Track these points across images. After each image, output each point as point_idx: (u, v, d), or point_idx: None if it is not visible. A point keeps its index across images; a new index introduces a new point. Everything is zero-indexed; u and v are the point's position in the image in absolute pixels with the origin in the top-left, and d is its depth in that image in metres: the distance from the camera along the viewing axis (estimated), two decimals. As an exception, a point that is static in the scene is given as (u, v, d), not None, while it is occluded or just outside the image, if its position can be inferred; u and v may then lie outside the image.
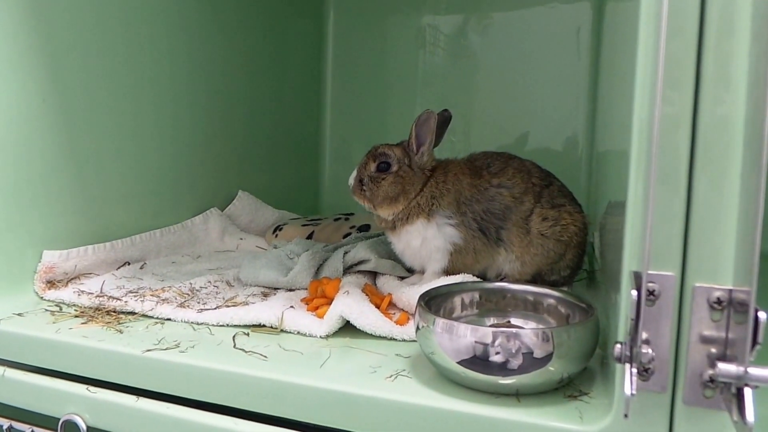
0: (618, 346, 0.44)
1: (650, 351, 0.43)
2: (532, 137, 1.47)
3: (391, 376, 0.61)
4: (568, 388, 0.58)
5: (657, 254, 0.44)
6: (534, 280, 0.90)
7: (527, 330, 0.53)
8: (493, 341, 0.53)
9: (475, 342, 0.54)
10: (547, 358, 0.53)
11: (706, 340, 0.46)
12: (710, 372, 0.45)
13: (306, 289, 0.90)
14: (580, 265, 0.94)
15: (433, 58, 1.55)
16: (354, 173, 0.91)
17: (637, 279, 0.42)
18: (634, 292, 0.41)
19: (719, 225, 0.45)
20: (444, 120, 0.92)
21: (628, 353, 0.43)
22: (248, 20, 1.38)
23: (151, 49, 1.10)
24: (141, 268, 1.05)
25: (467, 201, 0.87)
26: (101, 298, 0.85)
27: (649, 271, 0.43)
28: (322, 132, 1.69)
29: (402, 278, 0.92)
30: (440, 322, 0.56)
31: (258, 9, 1.41)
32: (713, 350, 0.46)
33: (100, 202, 1.01)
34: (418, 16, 1.55)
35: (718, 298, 0.43)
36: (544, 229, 0.86)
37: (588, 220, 0.93)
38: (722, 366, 0.41)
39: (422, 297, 0.64)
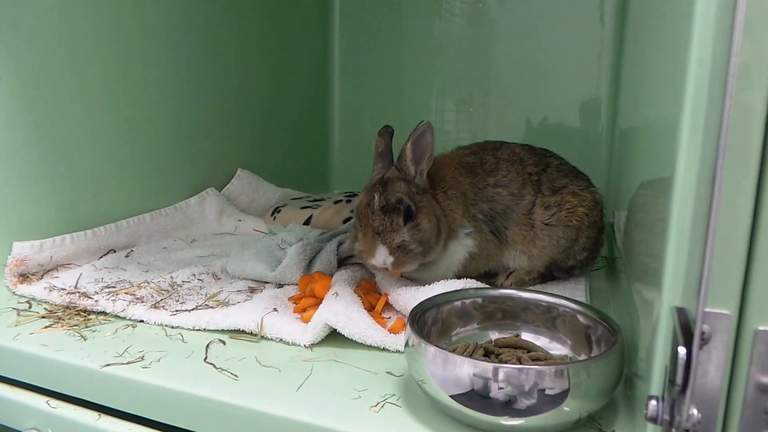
0: (653, 403, 0.34)
1: (695, 411, 0.33)
2: (550, 109, 1.39)
3: (376, 405, 0.52)
4: (585, 426, 0.49)
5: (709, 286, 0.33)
6: (549, 270, 0.83)
7: (538, 367, 0.43)
8: (495, 376, 0.44)
9: (474, 375, 0.44)
10: (561, 397, 0.43)
11: (765, 391, 0.35)
12: (772, 435, 0.35)
13: (296, 284, 0.81)
14: (598, 245, 0.86)
15: (450, 26, 1.45)
16: (379, 252, 0.69)
17: (684, 324, 0.31)
18: (683, 350, 0.29)
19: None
20: (390, 136, 0.79)
21: (667, 416, 0.32)
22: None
23: (122, 15, 0.99)
24: (126, 256, 0.97)
25: (473, 202, 0.78)
26: (73, 295, 0.77)
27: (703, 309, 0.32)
28: (330, 103, 1.62)
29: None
30: (431, 349, 0.46)
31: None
32: (776, 405, 0.35)
33: (77, 187, 0.93)
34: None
35: (791, 348, 0.32)
36: (547, 218, 0.79)
37: (600, 195, 0.84)
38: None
39: (415, 310, 0.54)
